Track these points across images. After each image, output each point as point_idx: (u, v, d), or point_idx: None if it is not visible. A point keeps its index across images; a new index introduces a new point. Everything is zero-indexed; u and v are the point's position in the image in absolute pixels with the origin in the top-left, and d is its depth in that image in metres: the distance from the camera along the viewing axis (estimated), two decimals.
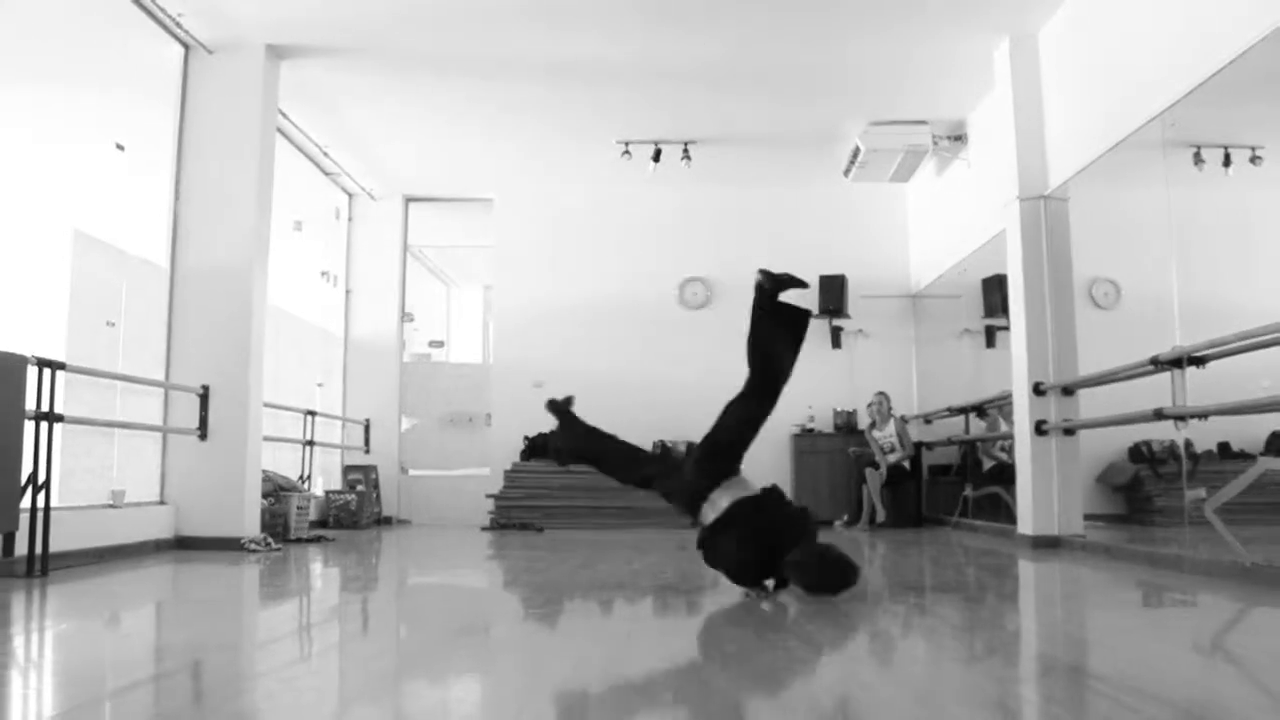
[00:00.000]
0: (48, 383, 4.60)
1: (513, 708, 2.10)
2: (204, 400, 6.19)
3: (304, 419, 8.21)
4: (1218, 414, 4.70)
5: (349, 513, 8.48)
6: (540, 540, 7.14)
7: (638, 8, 6.17)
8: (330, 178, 9.19)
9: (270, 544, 6.12)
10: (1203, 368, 4.69)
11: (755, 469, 3.90)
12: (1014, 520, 6.47)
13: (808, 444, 9.14)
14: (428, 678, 2.44)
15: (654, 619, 3.29)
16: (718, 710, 2.01)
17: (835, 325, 9.43)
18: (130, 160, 5.85)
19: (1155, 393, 4.93)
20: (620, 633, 3.09)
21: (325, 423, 8.81)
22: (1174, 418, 4.80)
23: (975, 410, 7.97)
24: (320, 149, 8.46)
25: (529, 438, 8.99)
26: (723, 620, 3.20)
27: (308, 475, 8.11)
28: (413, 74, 7.11)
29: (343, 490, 8.72)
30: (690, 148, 8.37)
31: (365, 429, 9.56)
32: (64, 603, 3.80)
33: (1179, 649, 2.82)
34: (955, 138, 8.05)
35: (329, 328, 9.46)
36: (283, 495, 7.02)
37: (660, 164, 8.39)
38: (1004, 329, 7.24)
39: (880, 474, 8.39)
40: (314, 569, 5.24)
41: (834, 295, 9.26)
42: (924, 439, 8.97)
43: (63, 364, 4.77)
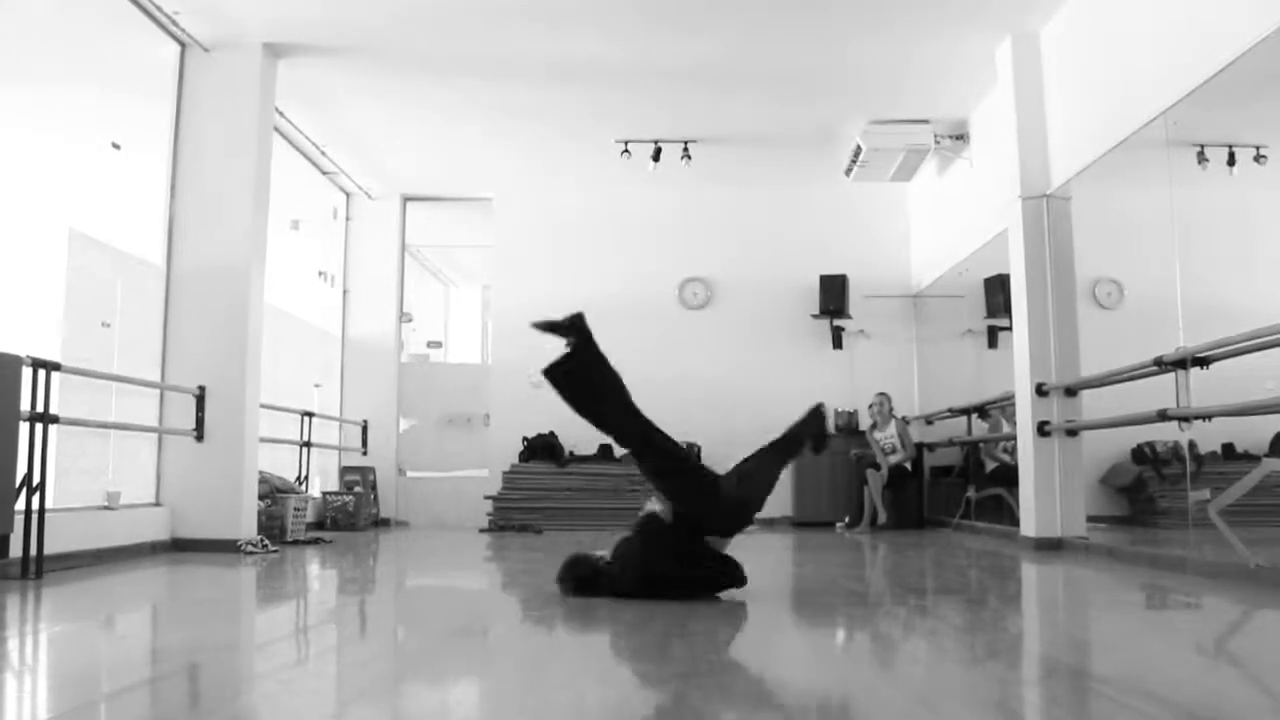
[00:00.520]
0: (43, 383, 4.57)
1: (511, 710, 2.07)
2: (200, 401, 6.16)
3: (301, 420, 8.18)
4: (1221, 415, 4.69)
5: (346, 514, 8.45)
6: (539, 542, 7.12)
7: (637, 7, 6.14)
8: (328, 177, 9.17)
9: (267, 546, 6.09)
10: (1206, 369, 4.68)
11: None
12: (1016, 522, 6.45)
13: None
14: (426, 680, 2.42)
15: (653, 620, 3.27)
16: (718, 712, 1.99)
17: (836, 325, 9.41)
18: (126, 159, 5.82)
19: (1159, 394, 4.91)
20: (620, 634, 3.06)
21: (322, 424, 8.79)
22: (1178, 419, 4.78)
23: (977, 411, 7.96)
24: (318, 148, 8.44)
25: (528, 438, 9.12)
26: (723, 621, 3.18)
27: (305, 477, 8.08)
28: (411, 73, 7.08)
29: (340, 492, 8.70)
30: (690, 147, 8.34)
31: (363, 430, 9.53)
32: (59, 605, 3.77)
33: (1182, 651, 2.81)
34: (957, 137, 8.03)
35: (326, 328, 9.44)
36: (279, 497, 6.99)
37: (660, 164, 8.37)
38: (1006, 329, 7.22)
39: (881, 475, 8.36)
40: (311, 571, 5.22)
41: (835, 295, 9.24)
42: (925, 440, 8.95)
43: (58, 364, 4.74)
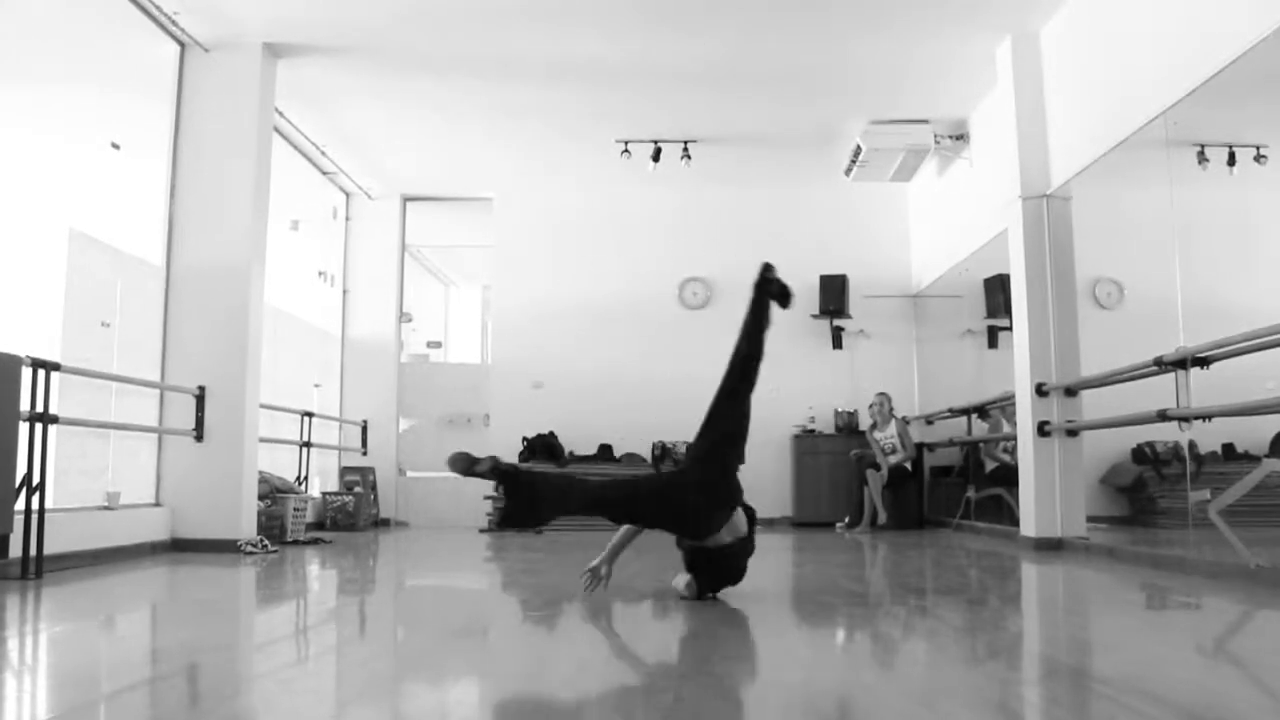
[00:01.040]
0: (42, 384, 4.57)
1: (511, 710, 2.07)
2: (200, 401, 6.16)
3: (301, 420, 8.18)
4: (1222, 415, 4.68)
5: (346, 515, 8.45)
6: (539, 542, 7.11)
7: (637, 7, 6.14)
8: (328, 177, 9.16)
9: (267, 546, 6.09)
10: (1207, 369, 4.67)
11: (756, 470, 3.87)
12: (1016, 522, 6.45)
13: (808, 445, 9.11)
14: (426, 680, 2.42)
15: (653, 621, 3.27)
16: (718, 712, 1.99)
17: (836, 325, 9.41)
18: (126, 159, 5.82)
19: (1159, 394, 4.90)
20: (619, 634, 3.06)
21: (322, 424, 8.78)
22: (1178, 419, 4.78)
23: (977, 411, 7.95)
24: (318, 148, 8.43)
25: (528, 438, 9.11)
26: (722, 622, 3.18)
27: (305, 477, 8.07)
28: (411, 73, 7.08)
29: (340, 492, 8.69)
30: (690, 147, 8.34)
31: (363, 430, 9.53)
32: (59, 605, 3.77)
33: (1183, 651, 2.81)
34: (957, 137, 8.03)
35: (326, 328, 9.44)
36: (279, 497, 6.99)
37: (660, 164, 8.37)
38: (1006, 329, 7.22)
39: (881, 475, 8.36)
40: (311, 571, 5.22)
41: (835, 295, 9.24)
42: (926, 440, 8.95)
43: (58, 364, 4.74)
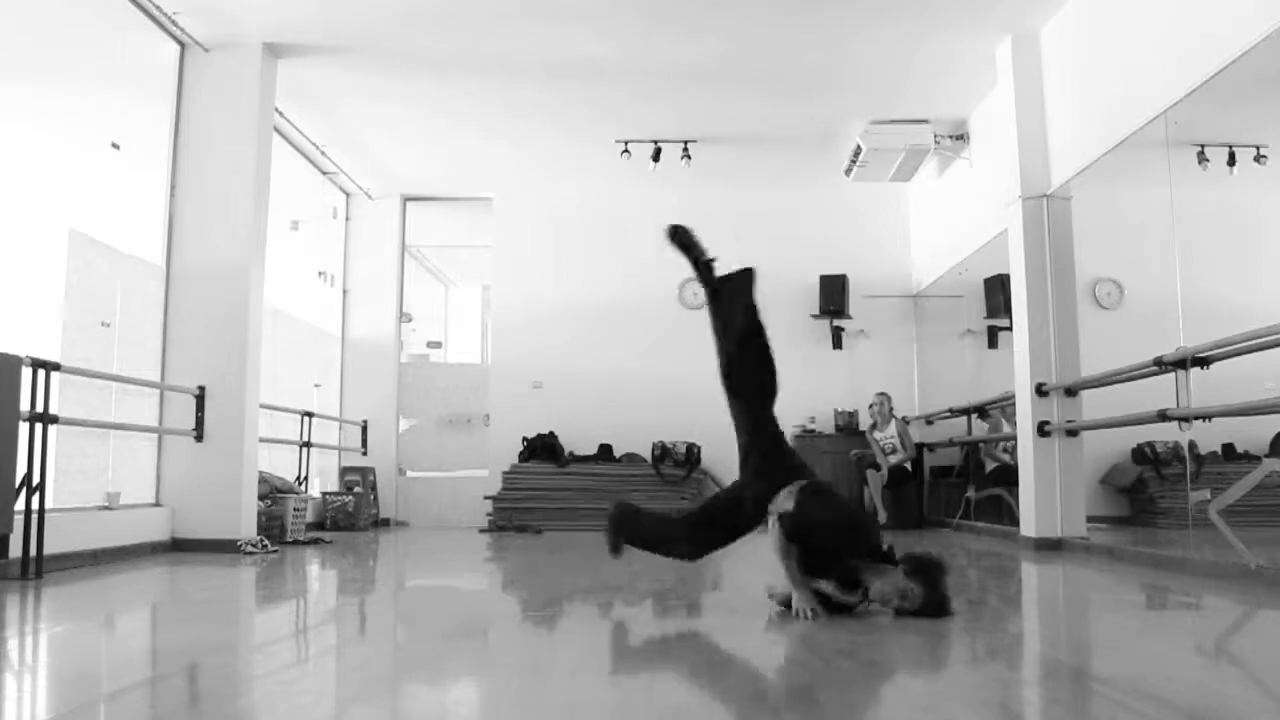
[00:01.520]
0: (42, 384, 4.57)
1: (511, 710, 2.07)
2: (200, 401, 6.16)
3: (301, 420, 8.18)
4: (1222, 415, 4.69)
5: (346, 515, 8.45)
6: (539, 542, 7.11)
7: (637, 7, 6.14)
8: (328, 177, 9.16)
9: (267, 546, 6.09)
10: (1207, 369, 4.68)
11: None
12: (1016, 522, 6.45)
13: (809, 445, 9.09)
14: (425, 680, 2.42)
15: (653, 622, 3.27)
16: (717, 712, 1.99)
17: (836, 326, 9.41)
18: (126, 159, 5.82)
19: (1159, 394, 4.91)
20: (620, 635, 3.06)
21: (322, 424, 8.78)
22: (1178, 419, 4.78)
23: (977, 411, 7.96)
24: (318, 148, 8.43)
25: (528, 438, 9.11)
26: (722, 623, 3.18)
27: (304, 477, 8.08)
28: (411, 73, 7.08)
29: (340, 492, 8.69)
30: (690, 147, 8.35)
31: (363, 430, 9.53)
32: (59, 605, 3.77)
33: (1183, 651, 2.81)
34: (957, 137, 8.03)
35: (326, 328, 9.44)
36: (279, 497, 6.99)
37: (660, 164, 8.37)
38: (1006, 329, 7.22)
39: (881, 475, 8.36)
40: (311, 571, 5.22)
41: (835, 295, 9.24)
42: (926, 440, 8.95)
43: (57, 365, 4.74)
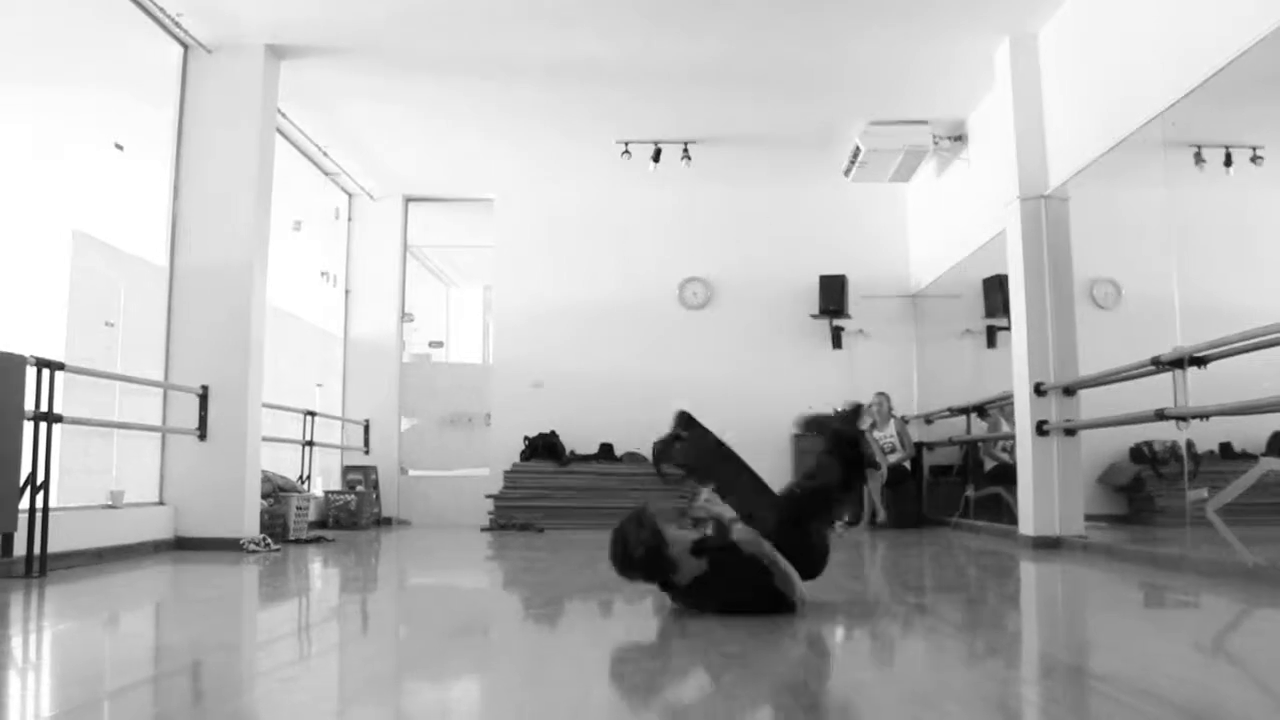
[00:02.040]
0: (46, 383, 4.59)
1: (512, 709, 2.09)
2: (203, 400, 6.18)
3: (303, 419, 8.20)
4: (1219, 414, 4.70)
5: (348, 513, 8.47)
6: (540, 541, 7.13)
7: (637, 7, 6.16)
8: (330, 178, 9.18)
9: (269, 545, 6.11)
10: (1204, 368, 4.69)
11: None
12: (1015, 521, 6.46)
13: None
14: (427, 678, 2.44)
15: (654, 620, 3.28)
16: (717, 711, 2.00)
17: (835, 325, 9.42)
18: (129, 160, 5.84)
19: (1156, 393, 4.92)
20: (620, 634, 3.08)
21: (325, 423, 8.80)
22: (1175, 418, 4.79)
23: (976, 410, 7.97)
24: (320, 149, 8.45)
25: (529, 437, 9.13)
26: (722, 622, 3.19)
27: (307, 476, 8.10)
28: (413, 74, 7.10)
29: (342, 491, 8.72)
30: (690, 148, 8.36)
31: (365, 429, 9.55)
32: (63, 603, 3.79)
33: (1181, 649, 2.82)
34: (955, 137, 8.04)
35: (328, 328, 9.45)
36: (282, 496, 7.01)
37: (660, 164, 8.38)
38: (1005, 329, 7.24)
39: (881, 475, 8.37)
40: (313, 570, 5.24)
41: (834, 295, 9.25)
42: (925, 439, 8.96)
43: (61, 364, 4.76)
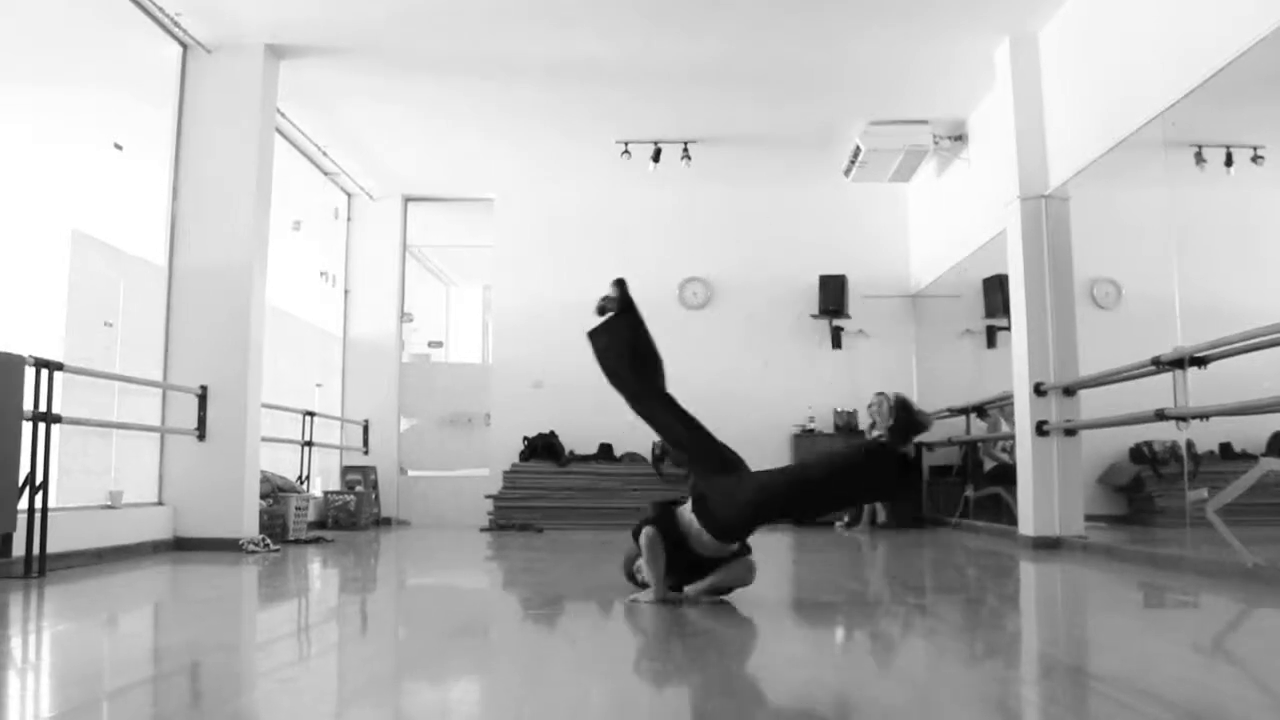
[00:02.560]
0: (45, 383, 4.58)
1: (511, 709, 2.09)
2: (202, 401, 6.18)
3: (303, 419, 8.20)
4: (1219, 415, 4.70)
5: (348, 514, 8.47)
6: (540, 541, 7.13)
7: (637, 7, 6.16)
8: (329, 177, 9.18)
9: (269, 545, 6.10)
10: (1204, 368, 4.69)
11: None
12: (1015, 521, 6.46)
13: (808, 444, 9.12)
14: (427, 679, 2.43)
15: (654, 619, 3.28)
16: (718, 711, 2.00)
17: (835, 325, 9.43)
18: (128, 160, 5.83)
19: (1156, 393, 4.92)
20: (620, 634, 3.08)
21: (324, 423, 8.80)
22: (1175, 418, 4.79)
23: (976, 411, 7.97)
24: (319, 149, 8.45)
25: (528, 438, 9.13)
26: (722, 622, 3.19)
27: (306, 476, 8.09)
28: (412, 74, 7.09)
29: (341, 491, 8.71)
30: (690, 147, 8.36)
31: (364, 429, 9.55)
32: (62, 603, 3.79)
33: (1181, 650, 2.82)
34: (956, 137, 8.04)
35: (328, 328, 9.45)
36: (281, 496, 7.00)
37: (660, 164, 8.38)
38: (1005, 329, 7.24)
39: None
40: (312, 570, 5.23)
41: (834, 295, 9.26)
42: (924, 439, 8.94)
43: (60, 364, 4.75)
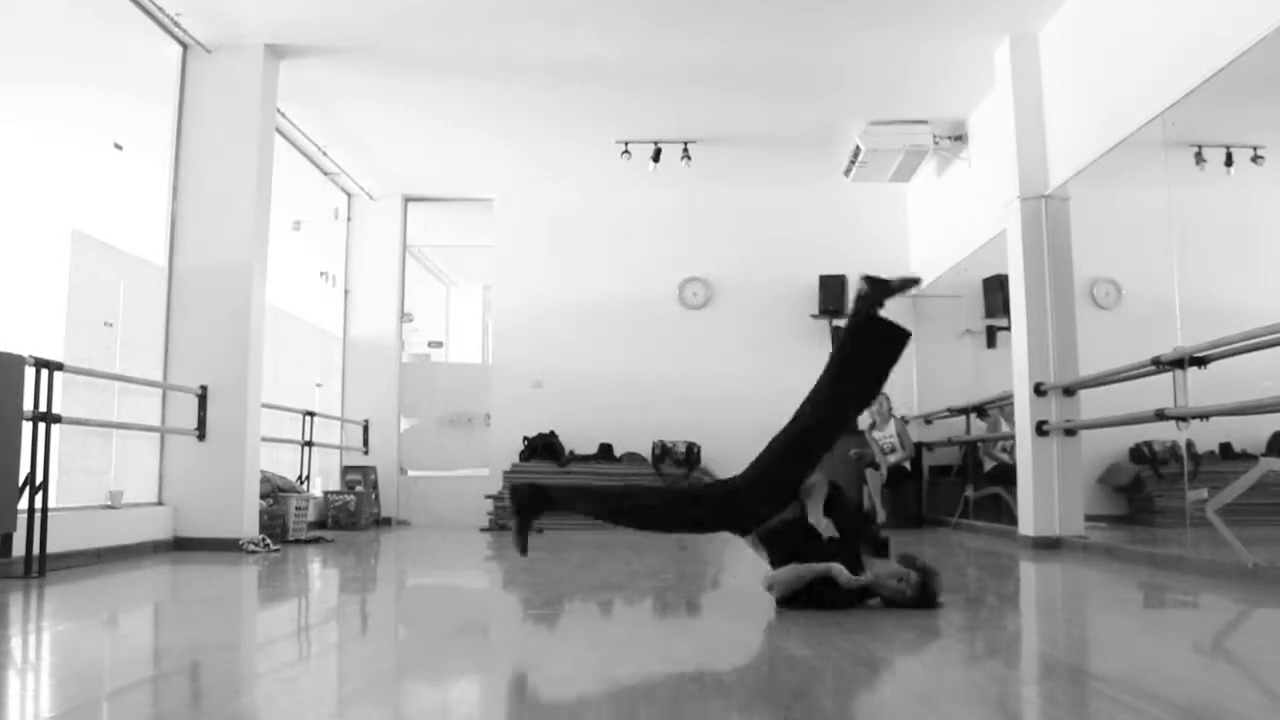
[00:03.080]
0: (45, 383, 4.58)
1: (511, 709, 2.09)
2: (202, 401, 6.18)
3: (302, 419, 8.20)
4: (1219, 415, 4.70)
5: (348, 514, 8.47)
6: (540, 541, 7.11)
7: (637, 7, 6.15)
8: (329, 177, 9.18)
9: (268, 545, 6.11)
10: (1204, 368, 4.69)
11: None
12: (1015, 521, 6.46)
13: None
14: (427, 679, 2.43)
15: (653, 620, 3.29)
16: (718, 710, 2.00)
17: (835, 325, 9.41)
18: (128, 160, 5.83)
19: (1156, 393, 4.92)
20: (619, 634, 3.08)
21: (324, 423, 8.80)
22: (1175, 418, 4.79)
23: (976, 411, 7.97)
24: (319, 149, 8.45)
25: (528, 438, 9.13)
26: (722, 622, 3.19)
27: (306, 476, 8.09)
28: (412, 74, 7.09)
29: (341, 491, 8.71)
30: (690, 148, 8.35)
31: (364, 429, 9.55)
32: (62, 603, 3.79)
33: (1181, 650, 2.82)
34: (956, 137, 8.04)
35: (328, 328, 9.45)
36: (281, 496, 7.00)
37: (660, 164, 8.37)
38: (1005, 329, 7.24)
39: (881, 475, 8.38)
40: (312, 570, 5.23)
41: (834, 295, 9.25)
42: (925, 439, 8.96)
43: (60, 364, 4.76)
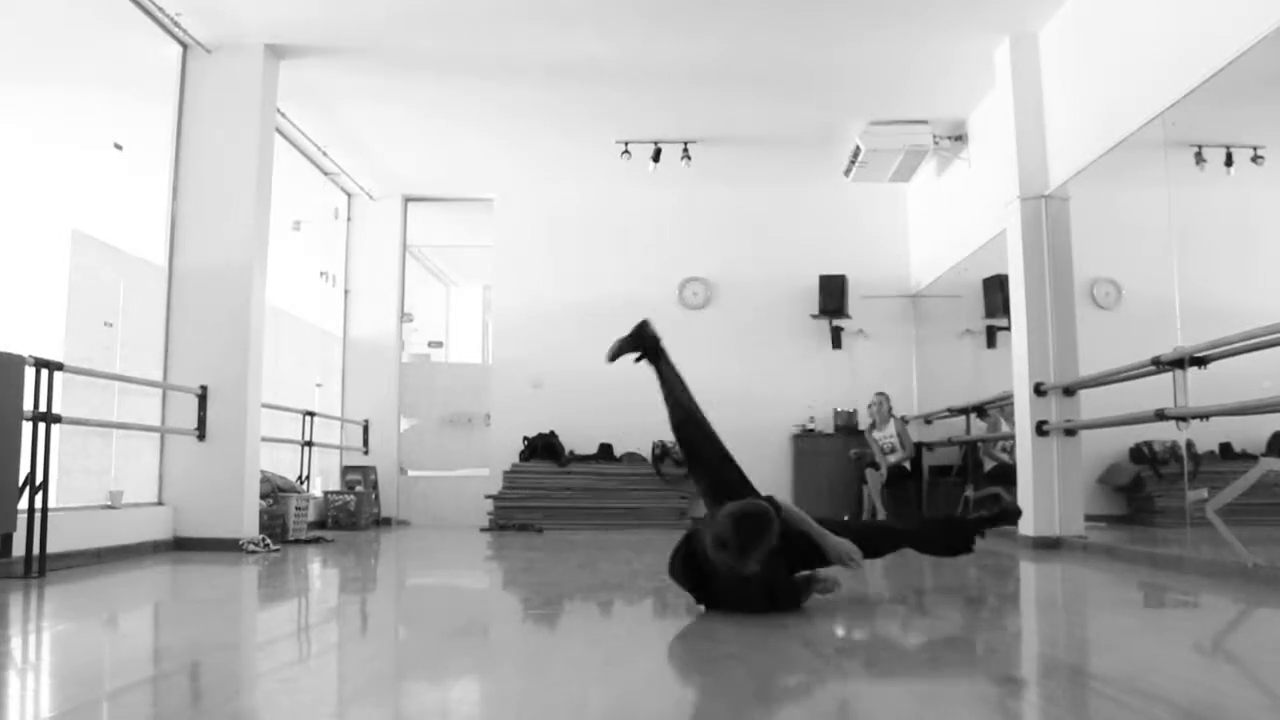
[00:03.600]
0: (45, 383, 4.59)
1: (511, 709, 2.09)
2: (202, 401, 6.18)
3: (302, 419, 8.20)
4: (1219, 415, 4.70)
5: (348, 514, 8.47)
6: (540, 541, 7.13)
7: (637, 7, 6.16)
8: (329, 177, 9.18)
9: (269, 545, 6.11)
10: (1204, 368, 4.70)
11: (755, 470, 3.83)
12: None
13: (808, 445, 9.13)
14: (426, 679, 2.43)
15: (653, 620, 3.29)
16: (718, 710, 2.00)
17: (835, 325, 9.43)
18: (128, 160, 5.83)
19: (1156, 393, 4.93)
20: (619, 634, 3.08)
21: (324, 423, 8.80)
22: (1175, 418, 4.79)
23: (976, 411, 7.97)
24: (319, 149, 8.45)
25: (528, 438, 9.14)
26: (722, 622, 3.19)
27: (306, 476, 8.10)
28: (412, 74, 7.10)
29: (341, 491, 8.71)
30: (690, 148, 8.36)
31: (364, 429, 9.55)
32: (62, 603, 3.79)
33: (1181, 650, 2.82)
34: (956, 137, 8.04)
35: (328, 328, 9.45)
36: (281, 496, 7.00)
37: (660, 164, 8.38)
38: (1005, 329, 7.24)
39: (880, 475, 8.38)
40: (312, 570, 5.23)
41: (834, 295, 9.26)
42: (924, 439, 8.96)
43: (60, 364, 4.76)
